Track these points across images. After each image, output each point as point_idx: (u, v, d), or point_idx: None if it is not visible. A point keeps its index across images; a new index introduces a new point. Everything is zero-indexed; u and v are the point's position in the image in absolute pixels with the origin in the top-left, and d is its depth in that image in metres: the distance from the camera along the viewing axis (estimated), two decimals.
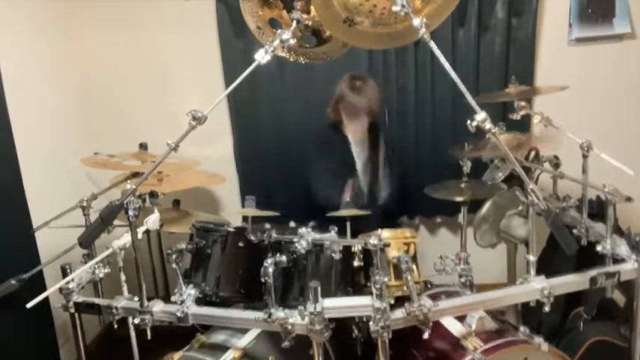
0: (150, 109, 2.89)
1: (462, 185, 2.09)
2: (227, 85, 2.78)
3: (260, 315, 1.38)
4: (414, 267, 1.59)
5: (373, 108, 2.41)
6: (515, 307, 2.31)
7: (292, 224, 1.65)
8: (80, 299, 1.59)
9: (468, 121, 1.34)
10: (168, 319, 1.48)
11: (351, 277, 1.60)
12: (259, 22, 1.79)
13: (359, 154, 2.52)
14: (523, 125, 2.49)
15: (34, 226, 2.04)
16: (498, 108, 2.59)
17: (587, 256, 1.70)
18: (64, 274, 1.59)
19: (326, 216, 1.98)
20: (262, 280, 1.36)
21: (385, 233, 1.64)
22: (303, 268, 1.52)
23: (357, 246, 1.58)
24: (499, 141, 1.37)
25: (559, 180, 2.04)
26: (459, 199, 2.04)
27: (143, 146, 2.22)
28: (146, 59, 2.86)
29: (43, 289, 1.53)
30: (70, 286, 1.58)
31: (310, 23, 1.72)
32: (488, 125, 1.31)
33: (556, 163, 2.13)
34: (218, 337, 1.65)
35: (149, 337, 1.52)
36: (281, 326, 1.36)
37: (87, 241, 1.44)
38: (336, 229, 1.57)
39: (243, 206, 2.78)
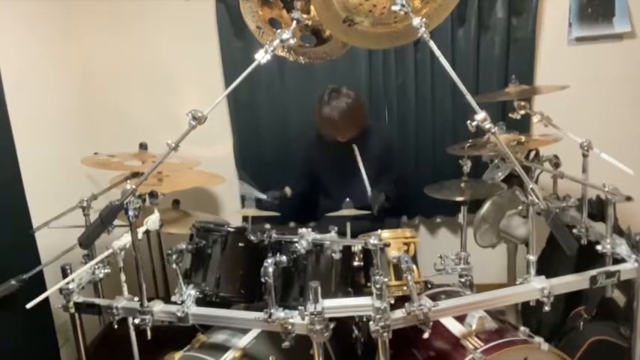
0: (150, 109, 2.89)
1: (462, 185, 2.08)
2: (227, 85, 2.78)
3: (260, 315, 1.38)
4: (414, 267, 1.59)
5: (352, 118, 2.35)
6: (515, 307, 2.31)
7: (292, 224, 1.66)
8: (80, 299, 1.60)
9: (468, 121, 1.34)
10: (168, 319, 1.49)
11: (352, 277, 1.60)
12: (259, 22, 1.79)
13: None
14: (523, 125, 2.49)
15: (34, 226, 2.03)
16: (498, 108, 2.59)
17: (587, 256, 1.70)
18: (64, 275, 1.60)
19: (326, 216, 1.98)
20: (262, 280, 1.37)
21: (385, 233, 1.65)
22: (304, 268, 1.53)
23: (357, 246, 1.58)
24: (499, 141, 1.37)
25: (559, 179, 2.04)
26: (458, 198, 2.03)
27: (143, 146, 2.22)
28: (146, 59, 2.86)
29: (43, 289, 1.54)
30: (70, 286, 1.58)
31: (310, 23, 1.72)
32: (488, 125, 1.32)
33: (556, 163, 2.13)
34: (218, 337, 1.65)
35: (149, 338, 1.52)
36: (281, 326, 1.36)
37: (87, 241, 1.45)
38: (336, 229, 1.58)
39: (243, 206, 2.79)
